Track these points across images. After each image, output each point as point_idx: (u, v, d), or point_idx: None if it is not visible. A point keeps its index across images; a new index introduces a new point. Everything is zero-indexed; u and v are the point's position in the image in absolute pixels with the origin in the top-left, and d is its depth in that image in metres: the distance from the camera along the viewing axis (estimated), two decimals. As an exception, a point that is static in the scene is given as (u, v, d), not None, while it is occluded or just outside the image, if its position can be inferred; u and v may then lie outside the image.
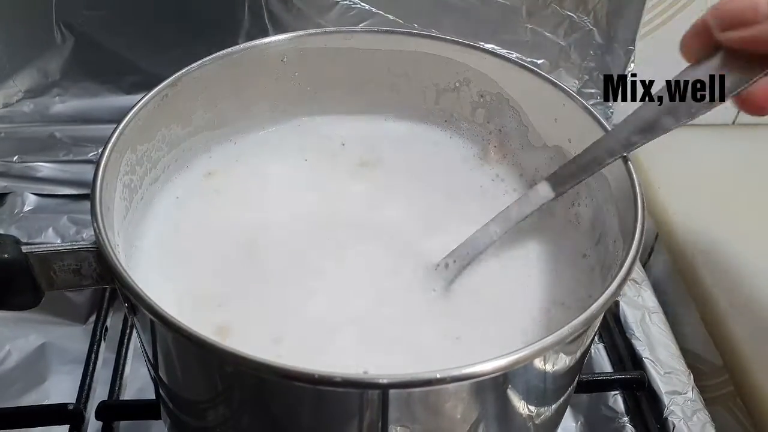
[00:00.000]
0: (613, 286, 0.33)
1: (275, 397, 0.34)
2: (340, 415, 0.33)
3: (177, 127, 0.45)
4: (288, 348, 0.38)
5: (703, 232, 0.63)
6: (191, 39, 0.63)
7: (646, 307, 0.59)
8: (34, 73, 0.65)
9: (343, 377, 0.29)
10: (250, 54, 0.46)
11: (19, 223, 0.63)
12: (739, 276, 0.60)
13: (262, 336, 0.38)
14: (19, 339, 0.56)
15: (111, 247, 0.34)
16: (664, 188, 0.67)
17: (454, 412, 0.34)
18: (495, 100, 0.48)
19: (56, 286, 0.36)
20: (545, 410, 0.39)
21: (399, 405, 0.32)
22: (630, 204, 0.37)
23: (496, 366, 0.30)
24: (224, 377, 0.34)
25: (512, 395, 0.35)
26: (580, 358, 0.38)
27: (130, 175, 0.41)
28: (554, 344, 0.31)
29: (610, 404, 0.53)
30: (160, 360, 0.37)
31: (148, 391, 0.53)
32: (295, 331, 0.39)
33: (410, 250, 0.43)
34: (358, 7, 0.63)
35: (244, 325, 0.39)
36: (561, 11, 0.64)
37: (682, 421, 0.51)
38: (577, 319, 0.31)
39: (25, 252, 0.35)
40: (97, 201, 0.35)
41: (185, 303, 0.40)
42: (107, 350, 0.54)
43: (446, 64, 0.48)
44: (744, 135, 0.75)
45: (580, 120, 0.42)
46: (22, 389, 0.54)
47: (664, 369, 0.54)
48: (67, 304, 0.58)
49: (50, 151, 0.66)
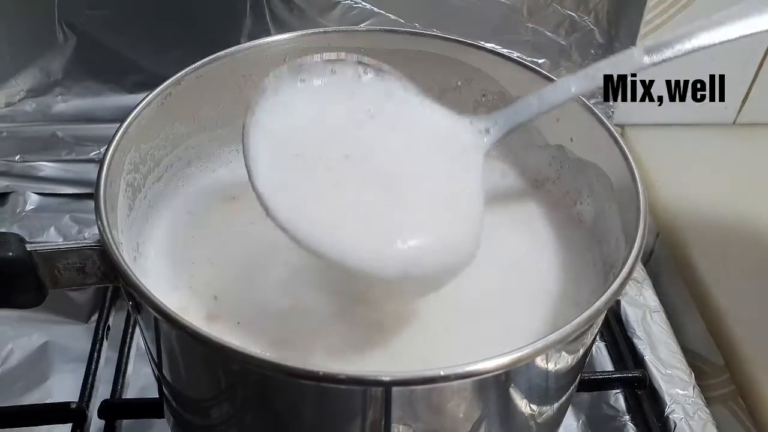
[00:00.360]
0: (615, 284, 0.33)
1: (279, 394, 0.34)
2: (344, 413, 0.34)
3: (180, 125, 0.45)
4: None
5: (704, 231, 0.64)
6: (193, 38, 0.63)
7: (648, 306, 0.59)
8: (36, 72, 0.65)
9: (347, 375, 0.29)
10: (253, 53, 0.46)
11: (21, 222, 0.63)
12: (740, 275, 0.60)
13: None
14: (22, 338, 0.56)
15: (115, 245, 0.34)
16: (665, 187, 0.67)
17: (456, 410, 0.34)
18: (497, 99, 0.48)
19: (60, 285, 0.37)
20: (547, 409, 0.39)
21: (402, 403, 0.32)
22: (632, 203, 0.38)
23: (500, 363, 0.30)
24: (228, 375, 0.34)
25: (514, 394, 0.35)
26: (582, 356, 0.38)
27: (133, 174, 0.41)
28: (557, 342, 0.31)
29: (611, 403, 0.53)
30: (164, 358, 0.37)
31: (150, 389, 0.53)
32: (298, 336, 0.39)
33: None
34: (359, 7, 0.63)
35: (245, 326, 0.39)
36: (562, 11, 0.64)
37: (683, 419, 0.51)
38: (580, 316, 0.31)
39: (30, 250, 0.35)
40: (101, 199, 0.36)
41: (186, 298, 0.40)
42: (109, 349, 0.54)
43: (448, 63, 0.48)
44: (744, 134, 0.75)
45: (582, 119, 0.42)
46: (24, 388, 0.54)
47: (665, 368, 0.54)
48: (69, 303, 0.58)
49: (52, 150, 0.67)
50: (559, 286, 0.42)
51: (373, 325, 0.39)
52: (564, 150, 0.46)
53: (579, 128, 0.43)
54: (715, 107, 0.73)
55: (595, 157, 0.43)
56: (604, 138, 0.41)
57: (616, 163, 0.40)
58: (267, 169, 0.36)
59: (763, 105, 0.73)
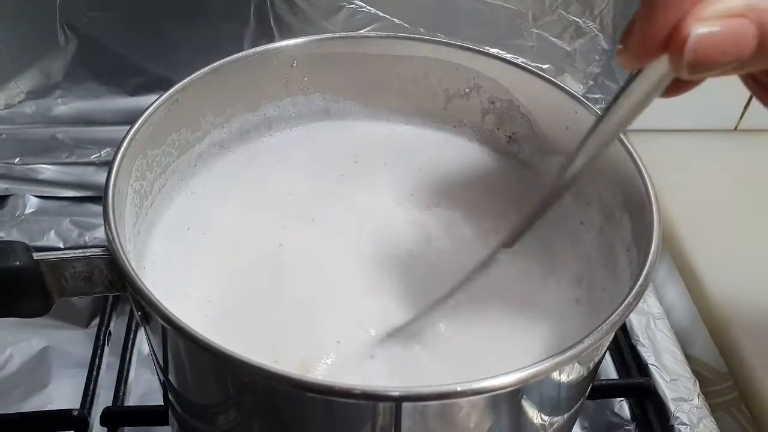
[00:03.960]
0: (631, 296, 0.33)
1: (286, 406, 0.34)
2: (353, 427, 0.33)
3: (187, 132, 0.44)
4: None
5: (706, 238, 0.64)
6: (195, 41, 0.62)
7: (651, 314, 0.59)
8: (36, 74, 0.64)
9: (362, 390, 0.29)
10: (261, 59, 0.45)
11: (20, 225, 0.62)
12: (743, 281, 0.60)
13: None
14: (21, 343, 0.56)
15: (124, 254, 0.33)
16: (668, 195, 0.67)
17: (466, 424, 0.34)
18: (505, 107, 0.48)
19: (67, 294, 0.36)
20: (558, 420, 0.39)
21: (412, 416, 0.32)
22: (644, 212, 0.37)
23: (516, 379, 0.30)
24: (237, 386, 0.34)
25: (527, 406, 0.35)
26: (594, 368, 0.38)
27: (140, 181, 0.40)
28: (573, 357, 0.31)
29: (616, 411, 0.53)
30: (171, 366, 0.36)
31: (152, 396, 0.52)
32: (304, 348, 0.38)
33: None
34: (364, 11, 0.63)
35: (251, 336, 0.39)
36: (567, 16, 0.64)
37: (688, 428, 0.51)
38: (598, 329, 0.31)
39: (37, 259, 0.35)
40: (110, 208, 0.35)
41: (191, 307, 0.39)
42: (110, 355, 0.54)
43: (457, 70, 0.47)
44: (745, 140, 0.75)
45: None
46: (24, 394, 0.53)
47: (669, 376, 0.54)
48: (69, 308, 0.58)
49: (52, 152, 0.66)
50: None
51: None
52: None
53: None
54: (716, 113, 0.74)
55: (606, 165, 0.43)
56: (616, 146, 0.41)
57: (628, 171, 0.40)
58: None
59: (764, 111, 0.72)
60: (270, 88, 0.48)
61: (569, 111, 0.44)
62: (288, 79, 0.48)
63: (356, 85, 0.49)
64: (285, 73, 0.47)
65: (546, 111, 0.46)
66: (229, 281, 0.41)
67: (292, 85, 0.48)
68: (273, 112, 0.49)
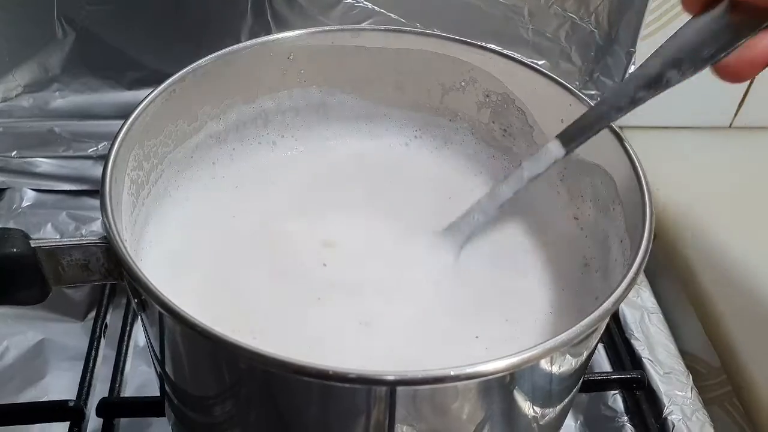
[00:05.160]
0: (622, 286, 0.33)
1: (283, 391, 0.34)
2: (349, 411, 0.33)
3: (183, 123, 0.45)
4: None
5: (701, 233, 0.64)
6: (193, 35, 0.62)
7: (645, 308, 0.59)
8: (34, 67, 0.64)
9: (357, 374, 0.29)
10: (258, 51, 0.46)
11: (17, 218, 0.63)
12: (737, 277, 0.60)
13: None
14: (17, 335, 0.56)
15: (122, 242, 0.33)
16: (663, 190, 0.67)
17: (460, 411, 0.34)
18: (501, 100, 0.48)
19: (63, 281, 0.36)
20: (550, 411, 0.39)
21: (406, 402, 0.32)
22: (637, 204, 0.38)
23: (507, 364, 0.30)
24: (233, 372, 0.34)
25: (518, 396, 0.35)
26: (586, 358, 0.38)
27: (137, 171, 0.41)
28: (564, 344, 0.31)
29: (609, 404, 0.53)
30: (168, 355, 0.36)
31: (148, 388, 0.52)
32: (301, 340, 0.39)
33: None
34: (360, 6, 0.63)
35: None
36: (563, 12, 0.64)
37: (681, 421, 0.51)
38: (589, 317, 0.31)
39: (34, 246, 0.35)
40: (107, 196, 0.35)
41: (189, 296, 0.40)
42: (106, 347, 0.54)
43: (453, 64, 0.48)
44: (741, 137, 0.75)
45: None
46: (20, 385, 0.53)
47: (663, 369, 0.54)
48: (66, 300, 0.57)
49: (49, 146, 0.66)
50: (560, 286, 0.42)
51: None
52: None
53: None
54: (712, 110, 0.74)
55: (599, 158, 0.43)
56: (608, 138, 0.41)
57: (621, 163, 0.40)
58: None
59: (759, 109, 0.74)
60: (267, 80, 0.48)
61: (564, 104, 0.44)
62: (285, 71, 0.48)
63: (353, 77, 0.49)
64: (282, 66, 0.47)
65: (541, 104, 0.46)
66: (226, 270, 0.41)
67: (289, 78, 0.48)
68: (270, 104, 0.49)
